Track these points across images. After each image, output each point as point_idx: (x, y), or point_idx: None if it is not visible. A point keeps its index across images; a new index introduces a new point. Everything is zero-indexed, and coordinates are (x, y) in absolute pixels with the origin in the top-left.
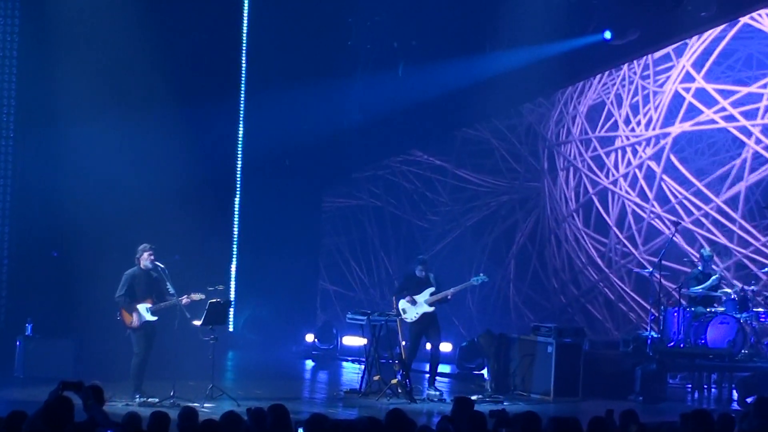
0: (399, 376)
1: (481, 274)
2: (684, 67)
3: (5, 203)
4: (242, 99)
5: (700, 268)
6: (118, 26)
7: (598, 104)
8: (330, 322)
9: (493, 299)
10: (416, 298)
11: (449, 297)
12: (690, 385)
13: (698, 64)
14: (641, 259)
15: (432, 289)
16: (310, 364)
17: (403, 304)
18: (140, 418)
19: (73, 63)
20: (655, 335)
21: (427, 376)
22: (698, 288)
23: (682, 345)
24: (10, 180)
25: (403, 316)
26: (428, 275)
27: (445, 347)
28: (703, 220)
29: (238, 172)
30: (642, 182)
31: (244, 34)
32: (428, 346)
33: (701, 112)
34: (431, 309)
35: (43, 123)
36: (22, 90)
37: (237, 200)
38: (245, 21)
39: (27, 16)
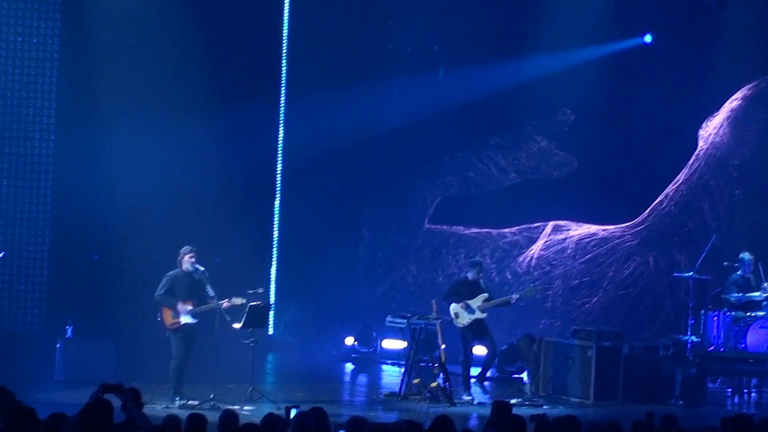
0: (440, 380)
1: (537, 284)
2: None
3: (46, 206)
4: (282, 101)
5: (740, 273)
6: (158, 28)
7: None
8: (369, 326)
9: None
10: (470, 303)
11: (512, 301)
12: (730, 390)
13: None
14: None
15: (485, 295)
16: (349, 367)
17: (455, 308)
18: (180, 421)
19: (113, 65)
20: (695, 339)
21: (471, 379)
22: (739, 295)
23: (722, 349)
24: (50, 183)
25: (455, 320)
26: (479, 280)
27: (484, 350)
28: None
29: (278, 175)
30: None
31: (285, 37)
32: (479, 350)
33: None
34: (484, 315)
35: (84, 125)
36: (63, 92)
37: (277, 203)
38: (286, 23)
39: (68, 17)
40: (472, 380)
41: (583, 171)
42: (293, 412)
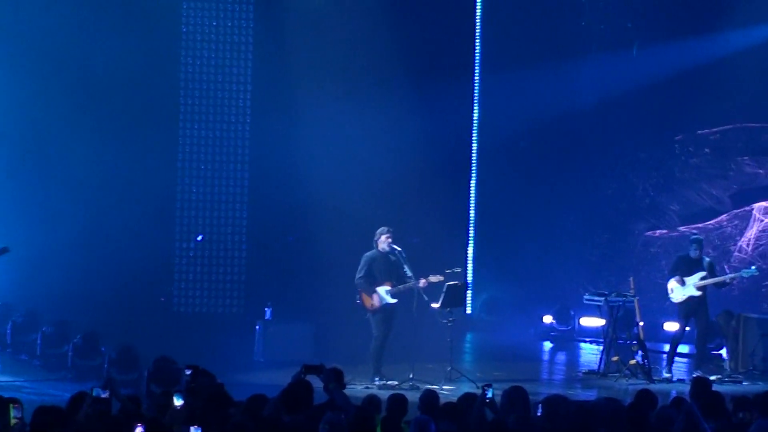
0: (638, 357)
1: (753, 267)
2: None
3: (243, 189)
4: (476, 81)
5: None
6: (352, 10)
7: None
8: (567, 303)
9: None
10: (686, 279)
11: (728, 281)
12: None
13: None
14: None
15: (703, 273)
16: (548, 345)
17: (671, 283)
18: (380, 401)
19: (307, 47)
20: None
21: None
22: None
23: None
24: (247, 166)
25: (670, 295)
26: (702, 257)
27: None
28: None
29: (474, 154)
30: None
31: (478, 16)
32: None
33: None
34: (699, 293)
35: (278, 108)
36: (258, 75)
37: (473, 182)
38: (479, 2)
39: (261, 1)
40: (677, 358)
41: None
42: (489, 392)
